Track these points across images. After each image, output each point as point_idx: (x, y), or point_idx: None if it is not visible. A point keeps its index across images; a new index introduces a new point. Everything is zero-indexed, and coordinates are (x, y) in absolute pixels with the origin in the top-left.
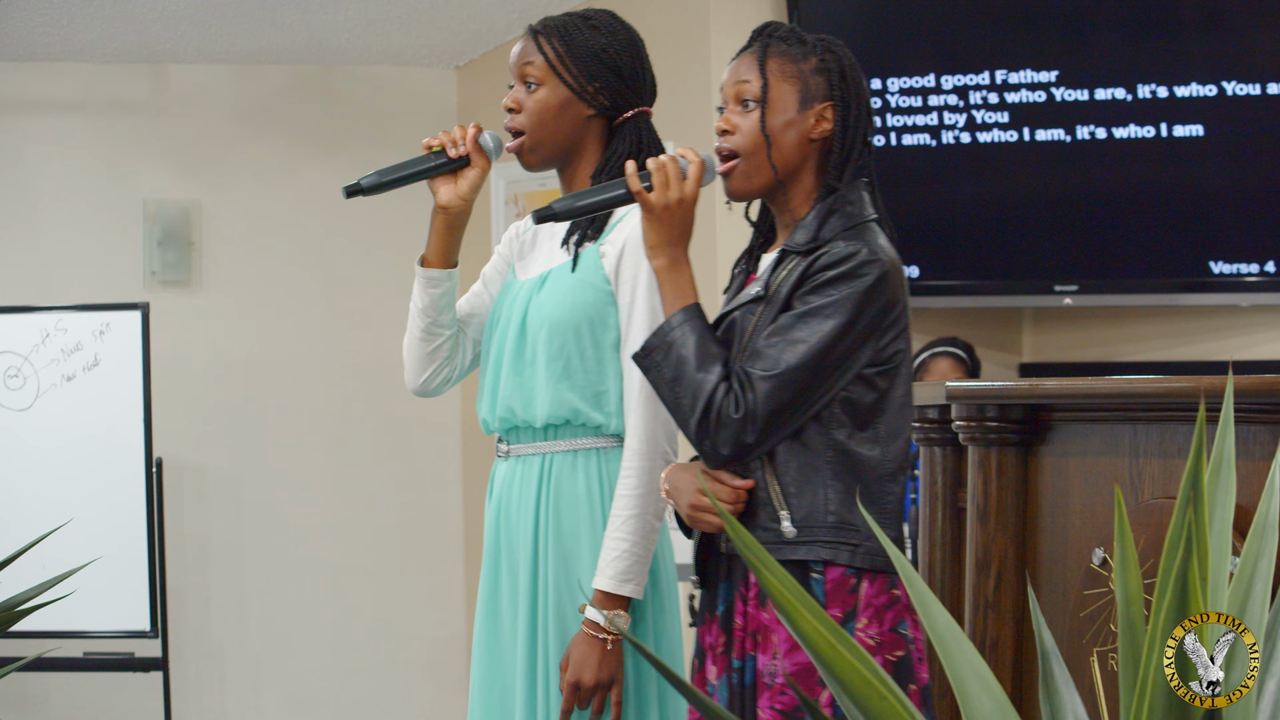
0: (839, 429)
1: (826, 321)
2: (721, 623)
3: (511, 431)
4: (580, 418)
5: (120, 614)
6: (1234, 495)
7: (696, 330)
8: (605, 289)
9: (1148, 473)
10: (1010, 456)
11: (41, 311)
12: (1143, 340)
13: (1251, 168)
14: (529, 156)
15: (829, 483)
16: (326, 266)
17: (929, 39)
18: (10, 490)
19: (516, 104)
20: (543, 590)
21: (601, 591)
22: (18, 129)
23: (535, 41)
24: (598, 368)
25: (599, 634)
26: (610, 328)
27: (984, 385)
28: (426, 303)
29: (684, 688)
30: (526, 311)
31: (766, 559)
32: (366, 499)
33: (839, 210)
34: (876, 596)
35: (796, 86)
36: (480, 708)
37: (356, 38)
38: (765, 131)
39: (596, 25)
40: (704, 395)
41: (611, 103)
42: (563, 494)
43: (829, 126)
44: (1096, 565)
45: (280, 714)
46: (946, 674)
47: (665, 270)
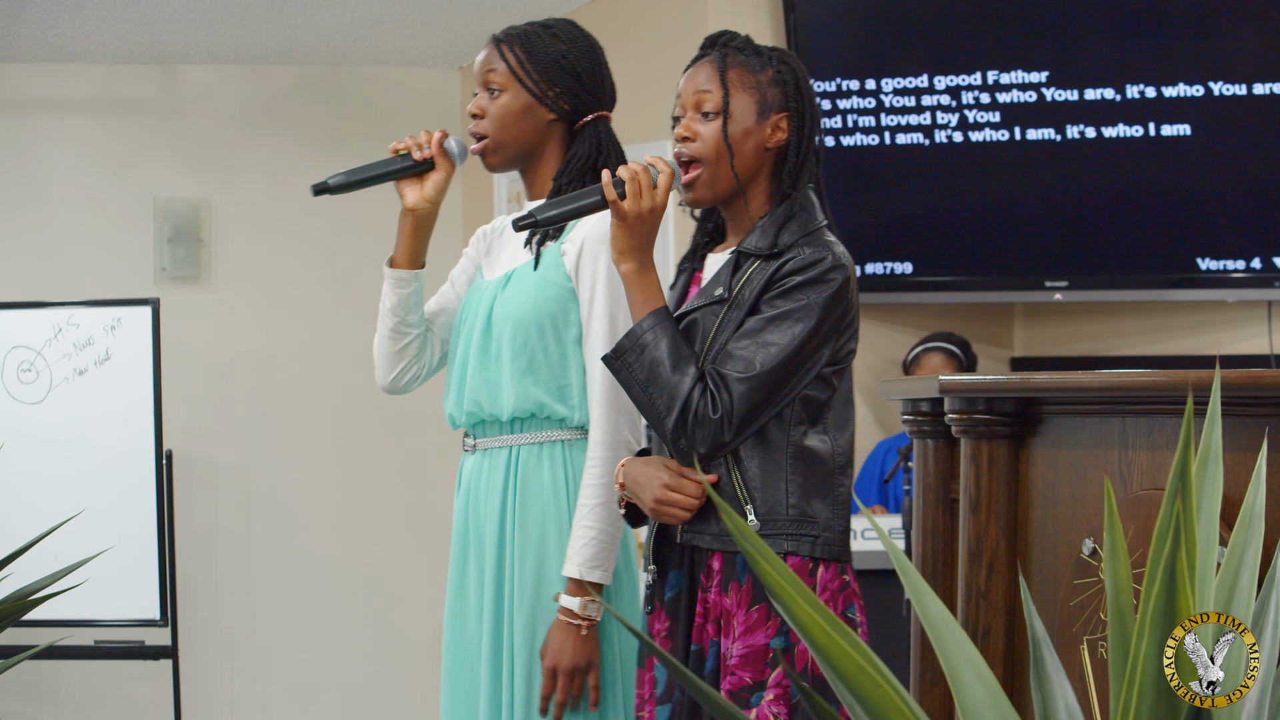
0: (797, 426)
1: (797, 325)
2: (668, 609)
3: (478, 425)
4: (545, 411)
5: (130, 603)
6: (1221, 486)
7: (668, 333)
8: (567, 286)
9: (1136, 464)
10: (1002, 449)
11: (54, 307)
12: (1132, 335)
13: (1237, 166)
14: (492, 159)
15: (789, 477)
16: (333, 263)
17: (922, 40)
18: (23, 482)
19: (480, 110)
20: (509, 579)
21: (573, 579)
22: (32, 128)
23: (498, 50)
24: (561, 362)
25: (574, 620)
26: (572, 323)
27: (976, 379)
28: (394, 302)
29: (669, 662)
30: (491, 309)
31: (766, 552)
32: (371, 490)
33: (795, 216)
34: (830, 582)
35: (755, 97)
36: (448, 694)
37: (362, 39)
38: (727, 141)
39: (557, 33)
40: (681, 396)
41: (571, 107)
42: (529, 485)
43: (784, 136)
44: (1086, 555)
45: (287, 700)
46: (940, 662)
47: (634, 274)
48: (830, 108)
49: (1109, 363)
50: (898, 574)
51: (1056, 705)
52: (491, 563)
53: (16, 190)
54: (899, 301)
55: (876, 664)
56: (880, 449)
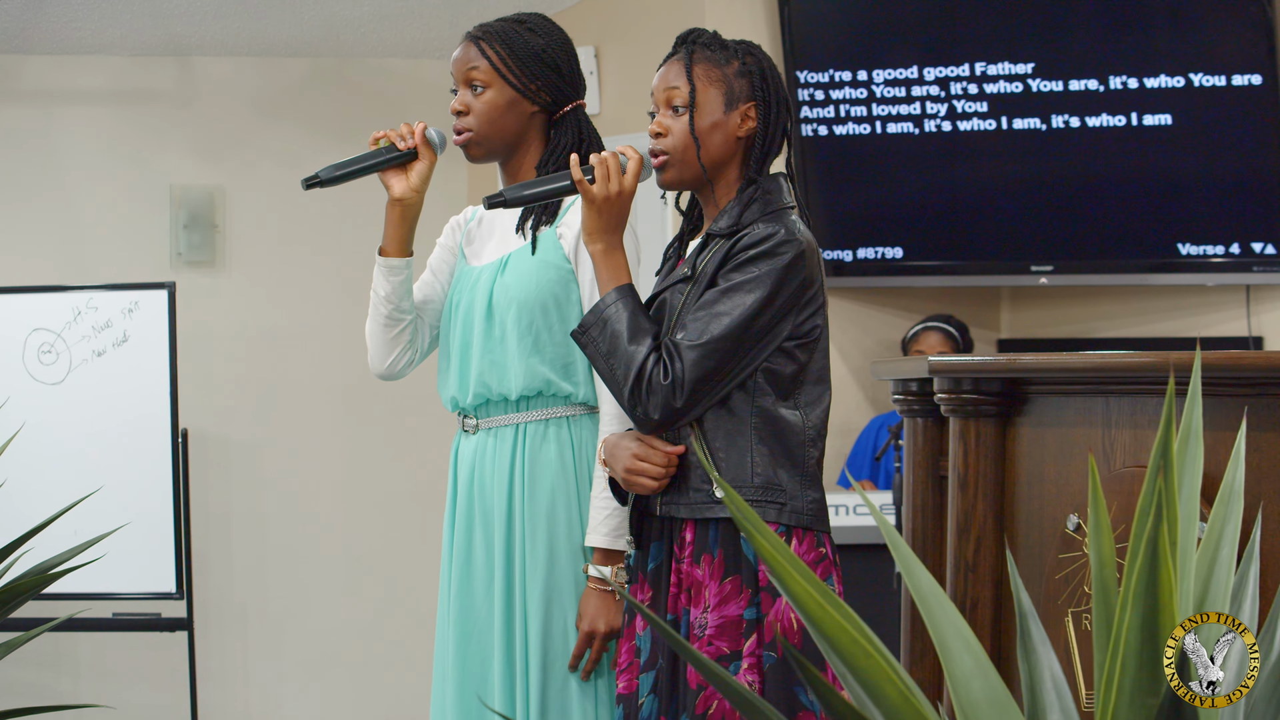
0: (763, 397)
1: (748, 295)
2: (650, 579)
3: (483, 406)
4: (552, 388)
5: (147, 576)
6: (1201, 464)
7: (629, 307)
8: (566, 267)
9: (1119, 443)
10: (989, 427)
11: (73, 291)
12: (1115, 317)
13: (1217, 155)
14: (475, 150)
15: (755, 446)
16: (342, 248)
17: (913, 33)
18: (44, 460)
19: (465, 107)
20: (519, 550)
21: (600, 549)
22: (52, 118)
23: (478, 47)
24: (565, 340)
25: (606, 587)
26: (573, 303)
27: (964, 360)
28: (389, 290)
29: (671, 635)
30: (492, 293)
31: (761, 527)
32: (378, 467)
33: (758, 199)
34: (806, 553)
35: (722, 90)
36: (457, 664)
37: (371, 31)
38: (694, 134)
39: (533, 28)
40: (635, 365)
41: (552, 99)
42: (537, 459)
43: (753, 124)
44: (1071, 530)
45: (299, 669)
46: (930, 634)
47: (601, 254)
48: (823, 98)
49: (1093, 344)
50: (889, 548)
51: (1042, 675)
52: (501, 536)
53: (38, 177)
54: (890, 285)
55: (869, 635)
56: (872, 427)
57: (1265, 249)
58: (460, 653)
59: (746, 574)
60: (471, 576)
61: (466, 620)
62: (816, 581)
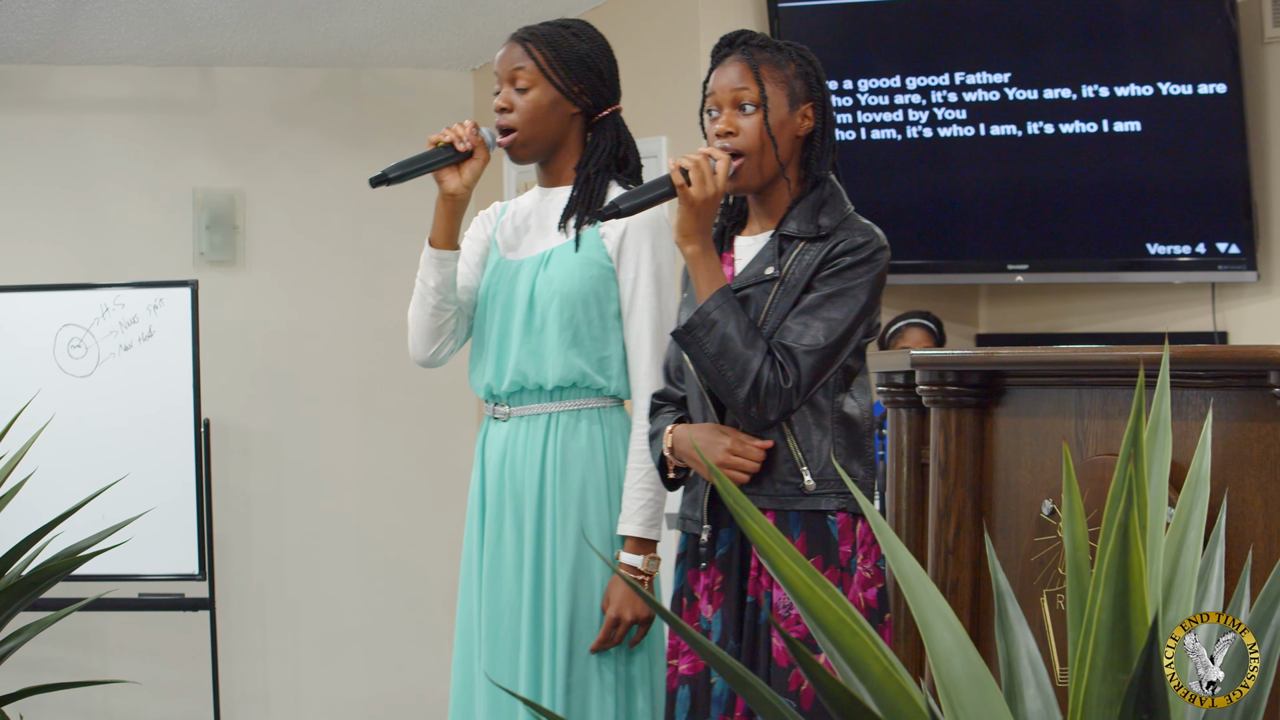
0: (839, 393)
1: (854, 302)
2: (720, 564)
3: (518, 394)
4: (586, 380)
5: (171, 559)
6: (1169, 452)
7: (735, 310)
8: (608, 265)
9: (1092, 432)
10: (968, 417)
11: (102, 288)
12: (1087, 314)
13: (1184, 160)
14: (520, 150)
15: (834, 440)
16: (356, 247)
17: (895, 45)
18: (74, 449)
19: (509, 104)
20: (549, 534)
21: (634, 538)
22: (82, 125)
23: (524, 48)
24: (602, 335)
25: (637, 575)
26: (612, 299)
27: (945, 354)
28: (439, 281)
29: (684, 630)
30: (534, 286)
31: (751, 509)
32: (391, 455)
33: (828, 201)
34: (866, 535)
35: (785, 90)
36: (488, 645)
37: (383, 43)
38: (770, 133)
39: (577, 33)
40: (753, 369)
41: (593, 102)
42: (568, 447)
43: (810, 124)
44: (1046, 515)
45: (314, 647)
46: (912, 613)
47: (698, 255)
48: None
49: (1066, 339)
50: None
51: (1019, 652)
52: (532, 522)
53: (68, 181)
54: None
55: (854, 614)
56: None
57: (1229, 249)
58: (490, 634)
59: (829, 556)
60: (501, 559)
61: (496, 602)
62: (805, 564)
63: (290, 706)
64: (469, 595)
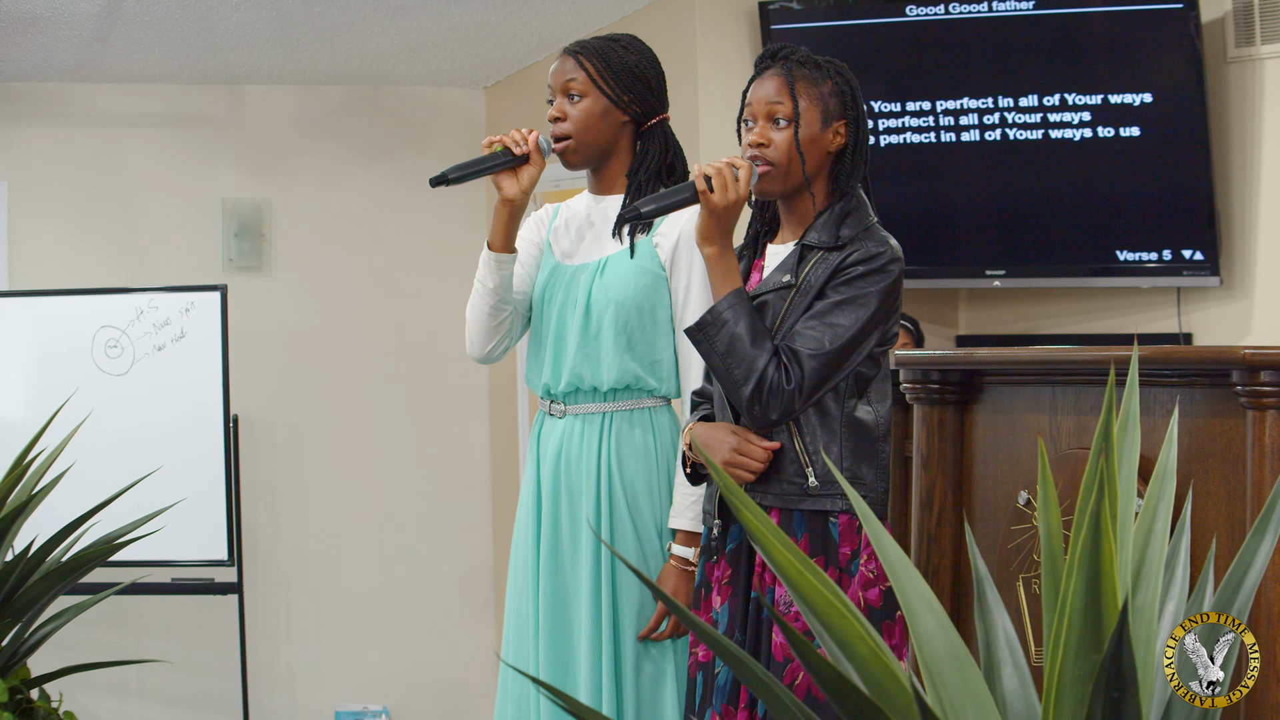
0: (850, 399)
1: (862, 310)
2: (730, 558)
3: (574, 394)
4: (640, 383)
5: (202, 546)
6: (1138, 446)
7: (747, 311)
8: (660, 274)
9: (1065, 428)
10: (949, 413)
11: (137, 292)
12: (1060, 316)
13: (1151, 172)
14: (573, 157)
15: (842, 444)
16: (375, 254)
17: (879, 64)
18: (110, 443)
19: (563, 113)
20: (606, 524)
21: (684, 531)
22: (118, 140)
23: (576, 60)
24: (654, 340)
25: (686, 566)
26: (664, 305)
27: (927, 354)
28: (497, 282)
29: (689, 619)
30: (590, 293)
31: (749, 504)
32: (409, 449)
33: (851, 213)
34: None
35: (819, 107)
36: (547, 631)
37: (400, 63)
38: (799, 148)
39: (626, 45)
40: (758, 369)
41: (642, 110)
42: (623, 445)
43: (842, 140)
44: (1022, 505)
45: (336, 629)
46: (897, 596)
47: (717, 257)
48: None
49: (1041, 340)
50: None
51: (997, 634)
52: (591, 515)
53: (105, 192)
54: None
55: (844, 599)
56: None
57: (1194, 255)
58: (550, 625)
59: (830, 556)
60: (558, 551)
61: (555, 593)
62: (798, 552)
63: (313, 684)
64: (523, 585)
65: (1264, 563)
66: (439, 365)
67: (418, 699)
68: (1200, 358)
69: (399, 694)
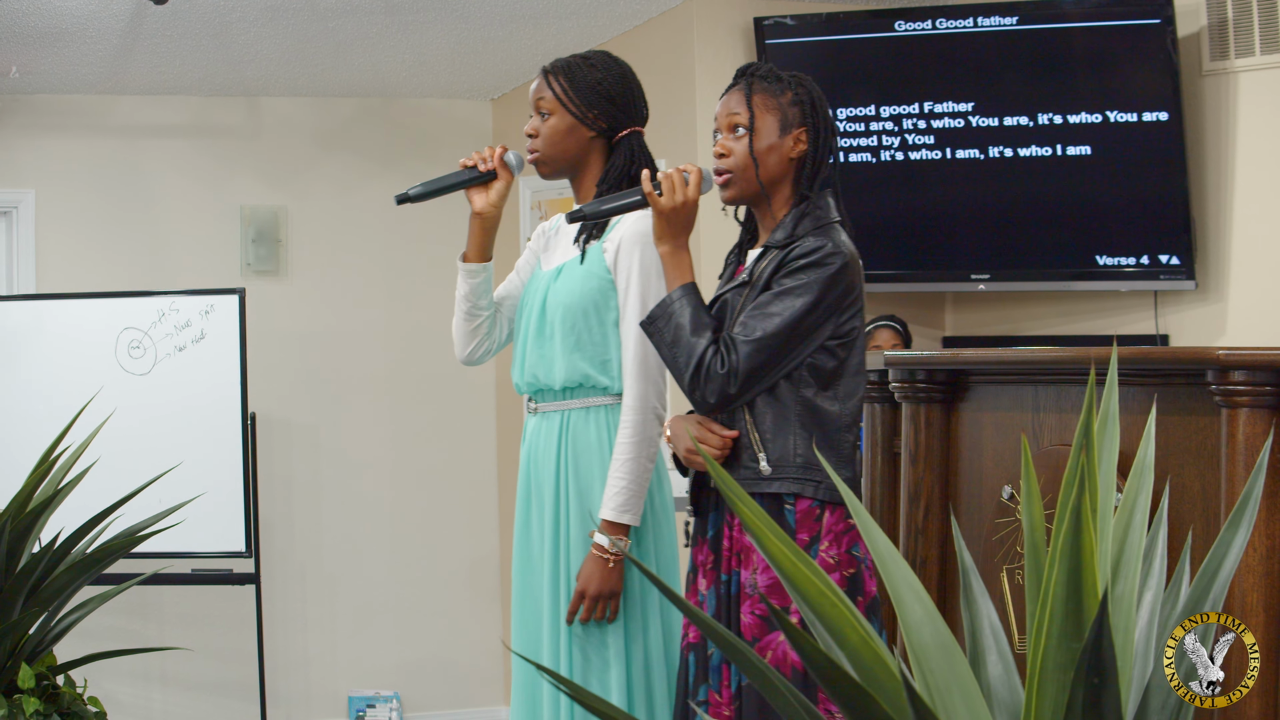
0: (806, 388)
1: (798, 299)
2: (711, 544)
3: (537, 393)
4: (591, 381)
5: (221, 538)
6: (1118, 443)
7: (692, 304)
8: (607, 278)
9: (1047, 425)
10: (936, 411)
11: (158, 295)
12: (1042, 318)
13: (1129, 180)
14: (543, 169)
15: (797, 431)
16: (386, 259)
17: (870, 78)
18: (133, 439)
19: (534, 130)
20: (563, 519)
21: (606, 520)
22: (140, 150)
23: (546, 79)
24: (603, 341)
25: (604, 554)
26: (611, 309)
27: (915, 354)
28: (466, 290)
29: (675, 599)
30: (546, 297)
31: (741, 494)
32: (419, 445)
33: (810, 214)
34: (836, 524)
35: (777, 116)
36: (518, 617)
37: (411, 75)
38: (753, 155)
39: (594, 63)
40: (696, 354)
41: (609, 125)
42: (578, 442)
43: (804, 147)
44: (1006, 499)
45: (349, 618)
46: (885, 587)
47: (669, 254)
48: None
49: (1024, 341)
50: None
51: (982, 622)
52: (550, 506)
53: (129, 199)
54: None
55: (834, 588)
56: None
57: (1170, 260)
58: (518, 609)
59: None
60: (528, 542)
61: (525, 575)
62: (789, 542)
63: (327, 671)
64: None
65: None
66: (447, 365)
67: (427, 684)
68: (1176, 358)
69: (409, 680)
